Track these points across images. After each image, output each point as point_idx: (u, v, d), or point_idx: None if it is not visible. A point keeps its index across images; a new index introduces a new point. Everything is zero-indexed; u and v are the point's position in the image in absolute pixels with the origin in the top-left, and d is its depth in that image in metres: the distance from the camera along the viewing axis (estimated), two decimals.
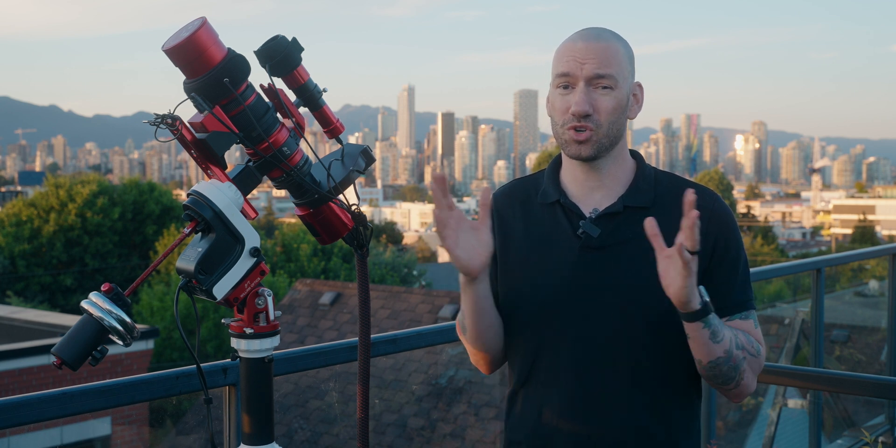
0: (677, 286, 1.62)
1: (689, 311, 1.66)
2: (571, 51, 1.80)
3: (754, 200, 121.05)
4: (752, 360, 1.79)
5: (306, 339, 12.47)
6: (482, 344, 1.89)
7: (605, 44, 1.80)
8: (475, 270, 1.73)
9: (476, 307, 1.82)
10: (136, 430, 11.32)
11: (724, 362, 1.74)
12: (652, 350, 1.81)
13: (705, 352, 1.72)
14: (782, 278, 15.06)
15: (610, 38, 1.82)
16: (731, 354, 1.74)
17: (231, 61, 1.49)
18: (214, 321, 21.09)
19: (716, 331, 1.70)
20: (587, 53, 1.78)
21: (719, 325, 1.71)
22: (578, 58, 1.79)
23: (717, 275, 1.81)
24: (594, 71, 1.77)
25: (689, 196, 1.58)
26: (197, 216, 1.50)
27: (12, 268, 31.52)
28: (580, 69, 1.78)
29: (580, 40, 1.81)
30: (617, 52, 1.80)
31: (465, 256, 1.71)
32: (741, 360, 1.76)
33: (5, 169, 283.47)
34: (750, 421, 7.69)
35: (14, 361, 10.60)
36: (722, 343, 1.72)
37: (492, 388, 9.81)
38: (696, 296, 1.65)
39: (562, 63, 1.81)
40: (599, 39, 1.80)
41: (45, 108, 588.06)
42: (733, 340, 1.75)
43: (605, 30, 1.85)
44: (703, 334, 1.69)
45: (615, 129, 1.81)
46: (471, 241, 1.71)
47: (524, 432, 1.89)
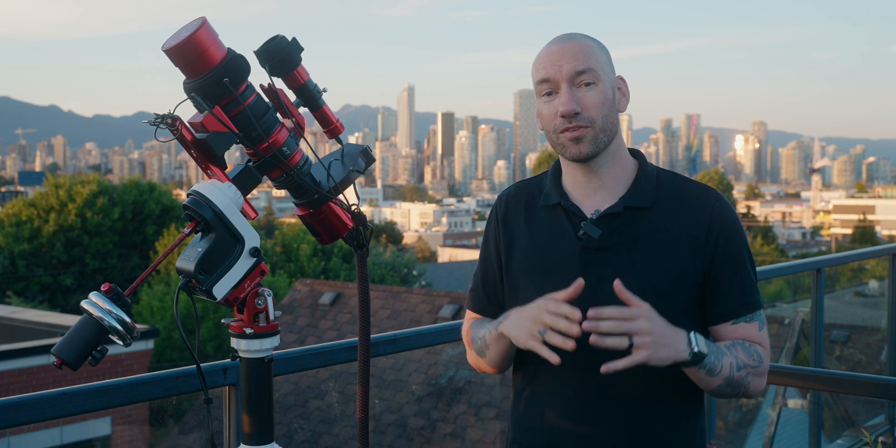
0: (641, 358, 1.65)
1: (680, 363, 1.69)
2: (547, 57, 1.82)
3: (754, 200, 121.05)
4: (755, 371, 1.80)
5: (306, 339, 12.47)
6: (496, 367, 1.94)
7: (578, 42, 1.81)
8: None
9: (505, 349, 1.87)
10: (136, 430, 11.31)
11: (726, 387, 1.76)
12: None
13: (704, 385, 1.77)
14: (782, 278, 15.06)
15: (581, 37, 1.84)
16: (731, 379, 1.76)
17: (231, 61, 1.49)
18: (214, 321, 21.08)
19: (712, 368, 1.72)
20: (562, 55, 1.80)
21: (716, 359, 1.73)
22: (554, 61, 1.80)
23: (722, 276, 1.81)
24: (573, 68, 1.78)
25: (617, 287, 1.65)
26: (197, 216, 1.49)
27: (12, 268, 31.52)
28: (559, 71, 1.79)
29: (553, 45, 1.83)
30: (591, 48, 1.81)
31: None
32: (742, 378, 1.77)
33: (5, 169, 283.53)
34: (750, 421, 7.69)
35: (14, 361, 10.60)
36: (720, 374, 1.74)
37: (492, 388, 9.80)
38: (681, 351, 1.66)
39: (539, 71, 1.82)
40: (571, 40, 1.82)
41: (45, 108, 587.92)
42: (733, 366, 1.76)
43: (575, 33, 1.86)
44: (699, 373, 1.73)
45: (609, 123, 1.81)
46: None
47: (527, 432, 1.89)
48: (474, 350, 1.95)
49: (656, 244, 1.81)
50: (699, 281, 1.80)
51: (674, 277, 1.79)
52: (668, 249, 1.80)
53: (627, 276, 1.80)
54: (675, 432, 1.83)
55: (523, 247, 1.90)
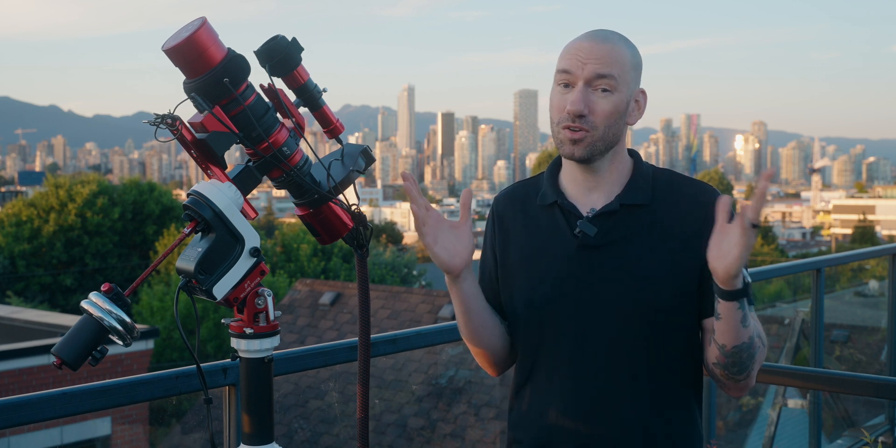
0: (732, 257, 1.58)
1: (731, 289, 1.63)
2: (576, 49, 1.80)
3: None
4: (762, 351, 1.77)
5: (306, 339, 12.47)
6: (477, 342, 1.91)
7: (611, 46, 1.79)
8: (456, 268, 1.78)
9: (464, 307, 1.85)
10: (136, 430, 11.32)
11: (746, 348, 1.71)
12: (651, 347, 1.80)
13: (734, 335, 1.69)
14: (782, 278, 15.06)
15: (617, 41, 1.81)
16: (752, 341, 1.72)
17: (231, 61, 1.49)
18: (214, 321, 21.09)
19: (746, 314, 1.68)
20: (591, 53, 1.78)
21: (751, 309, 1.69)
22: (581, 57, 1.78)
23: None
24: (595, 71, 1.76)
25: (767, 173, 1.55)
26: (197, 216, 1.49)
27: (12, 268, 31.52)
28: (581, 69, 1.78)
29: (586, 40, 1.80)
30: (621, 55, 1.79)
31: (446, 254, 1.77)
32: (758, 348, 1.74)
33: (5, 169, 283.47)
34: (750, 421, 7.70)
35: (14, 361, 10.60)
36: (749, 328, 1.69)
37: (492, 388, 9.81)
38: (742, 273, 1.63)
39: (565, 60, 1.81)
40: (606, 41, 1.79)
41: (45, 108, 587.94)
42: (756, 327, 1.73)
43: (614, 33, 1.83)
44: (737, 315, 1.66)
45: (611, 134, 1.80)
46: (451, 239, 1.77)
47: (526, 431, 1.89)
48: (462, 335, 1.94)
49: (652, 241, 1.81)
50: (695, 276, 1.80)
51: (670, 273, 1.79)
52: (664, 245, 1.80)
53: (623, 272, 1.80)
54: (673, 427, 1.83)
55: (519, 245, 1.91)
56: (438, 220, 1.76)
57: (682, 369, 1.84)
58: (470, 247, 1.78)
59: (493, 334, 1.91)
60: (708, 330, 1.83)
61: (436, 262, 1.77)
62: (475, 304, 1.86)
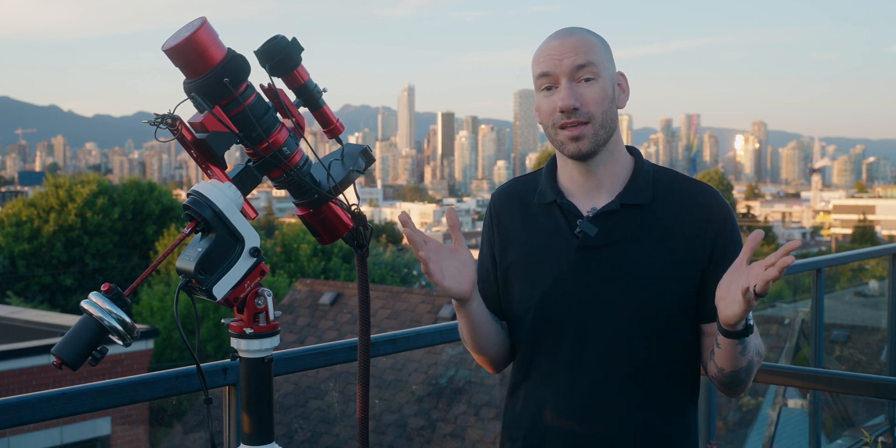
0: (736, 308, 1.60)
1: (732, 331, 1.66)
2: (548, 50, 1.81)
3: (754, 200, 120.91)
4: (759, 362, 1.80)
5: (306, 339, 12.47)
6: (481, 351, 1.92)
7: (578, 37, 1.80)
8: (467, 293, 1.77)
9: (472, 324, 1.85)
10: (136, 430, 11.32)
11: (744, 370, 1.75)
12: (650, 348, 1.80)
13: (732, 363, 1.73)
14: (782, 278, 15.00)
15: (581, 32, 1.82)
16: (751, 363, 1.75)
17: (231, 61, 1.49)
18: (214, 321, 21.09)
19: (746, 346, 1.70)
20: (563, 49, 1.79)
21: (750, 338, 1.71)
22: (555, 55, 1.79)
23: (717, 273, 1.79)
24: (573, 63, 1.77)
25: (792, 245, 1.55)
26: (197, 216, 1.49)
27: (12, 268, 31.51)
28: (559, 66, 1.78)
29: (554, 39, 1.82)
30: (591, 43, 1.80)
31: (454, 284, 1.75)
32: (755, 365, 1.77)
33: (5, 169, 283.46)
34: (750, 421, 7.69)
35: (14, 361, 10.60)
36: (747, 355, 1.72)
37: (492, 388, 9.81)
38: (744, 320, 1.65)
39: (540, 64, 1.81)
40: (572, 34, 1.81)
41: (45, 108, 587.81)
42: (755, 347, 1.75)
43: (576, 27, 1.85)
44: (736, 348, 1.70)
45: (608, 119, 1.80)
46: (454, 265, 1.76)
47: (521, 430, 1.89)
48: (466, 346, 1.95)
49: (653, 241, 1.80)
50: (696, 278, 1.80)
51: (670, 274, 1.79)
52: (665, 246, 1.80)
53: (624, 273, 1.80)
54: (669, 427, 1.83)
55: (519, 244, 1.90)
56: (438, 250, 1.75)
57: (680, 370, 1.84)
58: (472, 266, 1.78)
59: (497, 342, 1.91)
60: (707, 334, 1.83)
61: (447, 293, 1.76)
62: (482, 319, 1.86)
